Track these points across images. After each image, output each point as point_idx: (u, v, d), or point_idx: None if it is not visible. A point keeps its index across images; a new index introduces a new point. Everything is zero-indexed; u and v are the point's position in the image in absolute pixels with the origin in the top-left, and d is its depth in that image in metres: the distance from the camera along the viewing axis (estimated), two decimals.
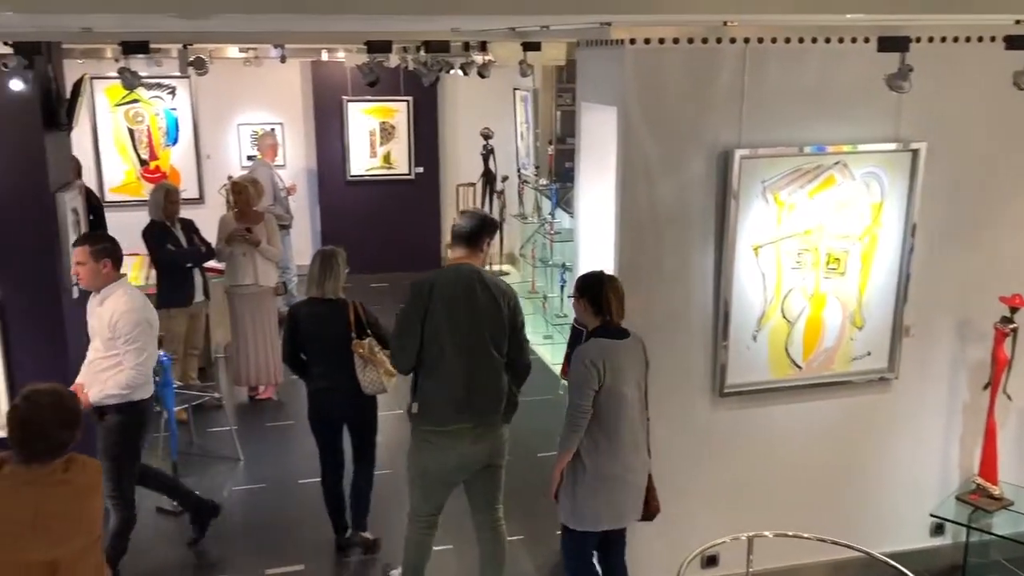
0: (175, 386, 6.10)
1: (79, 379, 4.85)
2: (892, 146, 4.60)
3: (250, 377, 7.46)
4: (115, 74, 8.91)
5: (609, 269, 4.53)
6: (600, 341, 4.04)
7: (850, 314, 4.78)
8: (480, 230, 4.35)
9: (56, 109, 5.18)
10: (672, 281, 4.54)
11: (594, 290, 4.13)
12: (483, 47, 5.73)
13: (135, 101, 10.16)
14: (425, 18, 3.38)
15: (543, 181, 9.58)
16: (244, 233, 7.09)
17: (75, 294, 5.47)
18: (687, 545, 4.01)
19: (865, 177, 4.61)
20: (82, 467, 3.07)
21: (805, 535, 4.00)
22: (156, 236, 6.88)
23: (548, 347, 8.30)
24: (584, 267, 5.07)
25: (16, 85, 4.50)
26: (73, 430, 3.01)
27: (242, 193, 7.24)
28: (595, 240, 4.91)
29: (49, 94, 5.12)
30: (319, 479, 5.40)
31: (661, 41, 4.19)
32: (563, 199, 8.64)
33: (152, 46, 4.70)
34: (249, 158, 10.68)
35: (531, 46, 5.11)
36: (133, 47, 4.24)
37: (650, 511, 4.28)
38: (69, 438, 3.00)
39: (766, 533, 4.02)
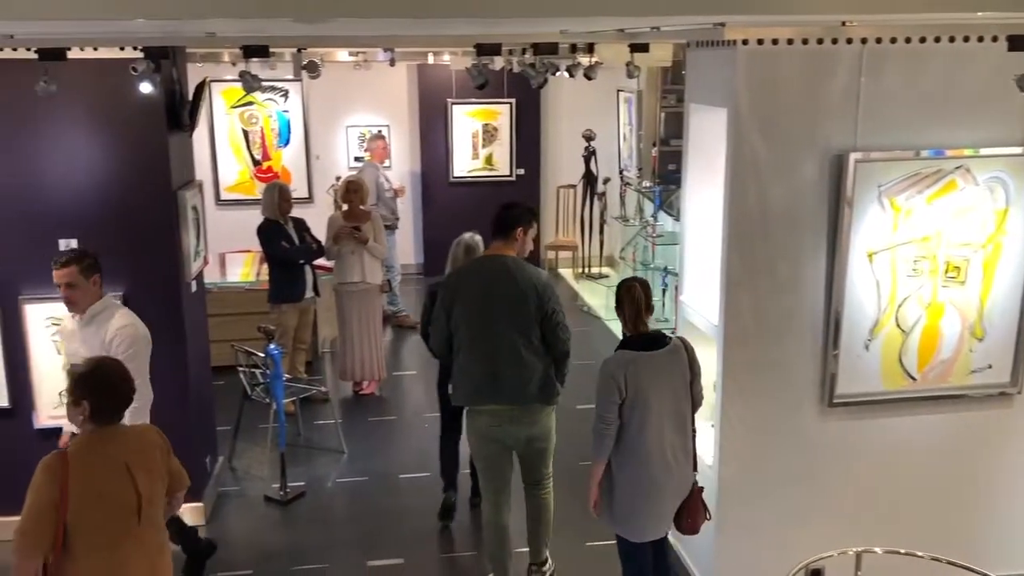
0: (284, 379, 6.29)
1: (65, 427, 4.52)
2: (1019, 150, 4.38)
3: (355, 372, 7.64)
4: (232, 77, 9.36)
5: (716, 274, 4.46)
6: (623, 353, 4.05)
7: (970, 325, 4.57)
8: (511, 221, 4.58)
9: (179, 111, 5.42)
10: (781, 287, 4.43)
11: (616, 297, 4.17)
12: (590, 49, 5.72)
13: (250, 103, 10.53)
14: (538, 20, 3.40)
15: (646, 183, 9.50)
16: (352, 231, 7.27)
17: (193, 288, 5.73)
18: (791, 559, 3.91)
19: (989, 182, 4.40)
20: (141, 428, 3.65)
21: (918, 554, 3.84)
22: (270, 233, 7.12)
23: None
24: (690, 271, 5.01)
25: (145, 88, 4.73)
26: (132, 391, 3.41)
27: (357, 192, 7.42)
28: (701, 244, 4.84)
29: (173, 96, 5.36)
30: (421, 474, 5.49)
31: (775, 42, 4.10)
32: (666, 202, 8.55)
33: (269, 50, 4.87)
34: (356, 159, 10.95)
35: (639, 47, 5.08)
36: (253, 51, 4.40)
37: (694, 525, 4.20)
38: (129, 398, 3.40)
39: (876, 549, 3.88)
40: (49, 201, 5.19)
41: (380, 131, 10.52)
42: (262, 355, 6.17)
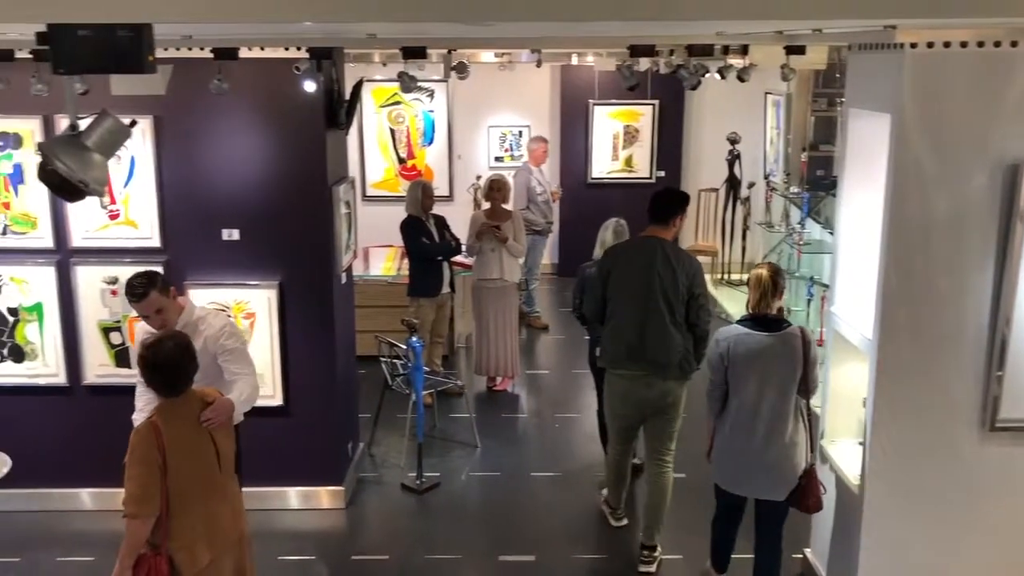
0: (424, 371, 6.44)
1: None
2: None
3: (490, 368, 7.75)
4: (382, 77, 9.64)
5: (871, 286, 4.28)
6: (734, 327, 4.51)
7: None
8: (670, 208, 5.06)
9: (336, 109, 5.62)
10: (942, 302, 4.20)
11: (748, 280, 4.60)
12: (744, 50, 5.60)
13: (397, 103, 10.84)
14: (699, 22, 3.35)
15: (793, 189, 9.21)
16: (493, 230, 7.37)
17: (343, 280, 5.94)
18: None
19: None
20: (206, 389, 3.89)
21: None
22: (412, 229, 7.32)
23: None
24: (842, 282, 4.83)
25: (309, 86, 4.94)
26: (195, 361, 3.71)
27: (500, 190, 7.53)
28: (856, 254, 4.65)
29: (331, 95, 5.57)
30: (553, 473, 5.52)
31: (947, 44, 3.89)
32: (815, 208, 8.27)
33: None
34: (496, 159, 11.10)
35: (794, 49, 4.92)
36: (412, 52, 4.53)
37: (807, 504, 4.51)
38: (195, 369, 3.72)
39: None
40: (215, 194, 5.49)
41: (541, 136, 10.29)
42: (404, 347, 6.35)
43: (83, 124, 3.56)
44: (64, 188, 2.85)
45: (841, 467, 4.60)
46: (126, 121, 3.70)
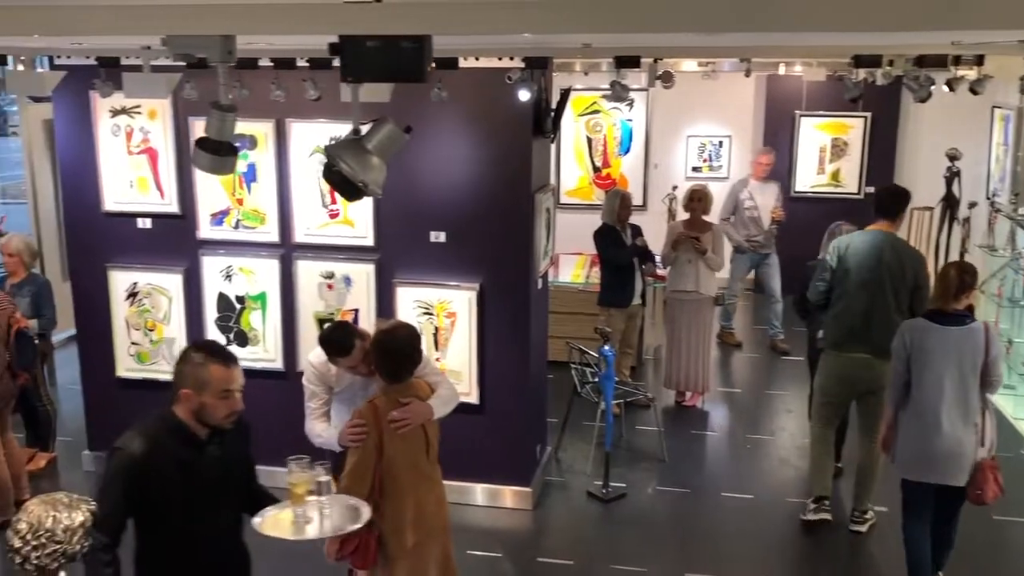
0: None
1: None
2: None
3: (679, 382, 7.63)
4: (581, 86, 9.71)
5: None
6: (918, 320, 4.73)
7: None
8: (896, 202, 5.48)
9: (543, 118, 5.73)
10: None
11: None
12: (979, 61, 5.22)
13: (596, 112, 10.89)
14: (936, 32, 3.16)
15: (1022, 210, 8.47)
16: (692, 240, 7.26)
17: (539, 285, 6.04)
18: None
19: None
20: (418, 380, 4.02)
21: None
22: (606, 238, 7.33)
23: (1010, 398, 7.37)
24: None
25: (523, 95, 5.06)
26: (421, 353, 3.94)
27: (700, 201, 7.41)
28: None
29: (539, 104, 5.68)
30: (743, 495, 5.37)
31: None
32: None
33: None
34: (694, 169, 10.93)
35: None
36: (625, 61, 4.54)
37: (982, 497, 4.59)
38: (420, 360, 3.93)
39: None
40: (426, 197, 5.73)
41: (768, 148, 9.78)
42: (595, 354, 6.36)
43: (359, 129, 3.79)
44: (345, 187, 3.09)
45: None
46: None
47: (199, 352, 3.12)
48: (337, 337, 4.19)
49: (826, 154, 10.59)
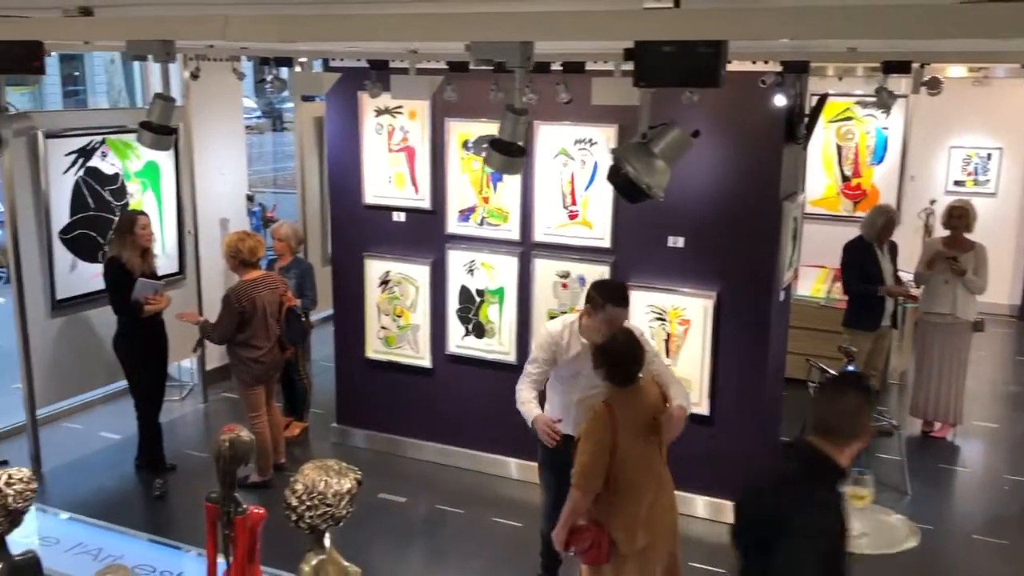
0: None
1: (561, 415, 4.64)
2: None
3: (927, 411, 7.09)
4: (834, 91, 9.23)
5: None
6: None
7: None
8: None
9: (796, 124, 5.51)
10: None
11: None
12: None
13: (848, 119, 10.32)
14: None
15: None
16: (950, 261, 6.72)
17: (781, 297, 5.82)
18: None
19: None
20: (649, 380, 4.11)
21: None
22: (855, 255, 6.92)
23: None
24: None
25: (779, 100, 4.90)
26: (644, 354, 3.99)
27: (961, 217, 6.85)
28: None
29: (792, 109, 5.47)
30: (998, 540, 4.91)
31: None
32: None
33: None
34: (956, 183, 10.11)
35: None
36: (893, 67, 4.28)
37: None
38: (644, 361, 3.99)
39: None
40: (666, 201, 5.60)
41: None
42: (836, 374, 6.03)
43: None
44: (629, 190, 3.19)
45: None
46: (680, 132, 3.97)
47: None
48: (622, 289, 4.56)
49: None
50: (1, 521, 2.33)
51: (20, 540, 2.44)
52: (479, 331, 6.36)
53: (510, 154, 3.39)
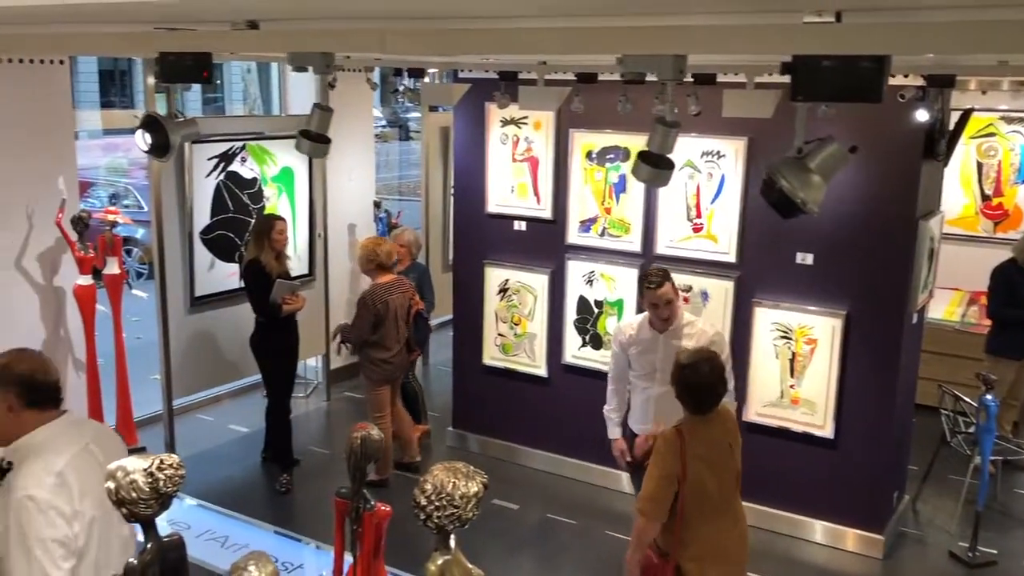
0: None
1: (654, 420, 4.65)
2: None
3: None
4: (978, 106, 8.79)
5: None
6: None
7: None
8: None
9: (936, 139, 5.28)
10: None
11: None
12: None
13: (991, 135, 9.80)
14: None
15: None
16: None
17: (914, 319, 5.58)
18: None
19: None
20: (728, 410, 4.00)
21: None
22: (1001, 279, 6.59)
23: None
24: None
25: (922, 116, 4.70)
26: (725, 384, 3.80)
27: None
28: None
29: (933, 125, 5.24)
30: None
31: None
32: None
33: None
34: None
35: None
36: None
37: None
38: (724, 391, 3.77)
39: None
40: (795, 218, 5.52)
41: None
42: (972, 403, 5.74)
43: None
44: (783, 204, 3.15)
45: None
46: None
47: None
48: (656, 271, 4.68)
49: None
50: (152, 503, 2.46)
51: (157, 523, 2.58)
52: (596, 342, 6.34)
53: (659, 166, 3.38)
